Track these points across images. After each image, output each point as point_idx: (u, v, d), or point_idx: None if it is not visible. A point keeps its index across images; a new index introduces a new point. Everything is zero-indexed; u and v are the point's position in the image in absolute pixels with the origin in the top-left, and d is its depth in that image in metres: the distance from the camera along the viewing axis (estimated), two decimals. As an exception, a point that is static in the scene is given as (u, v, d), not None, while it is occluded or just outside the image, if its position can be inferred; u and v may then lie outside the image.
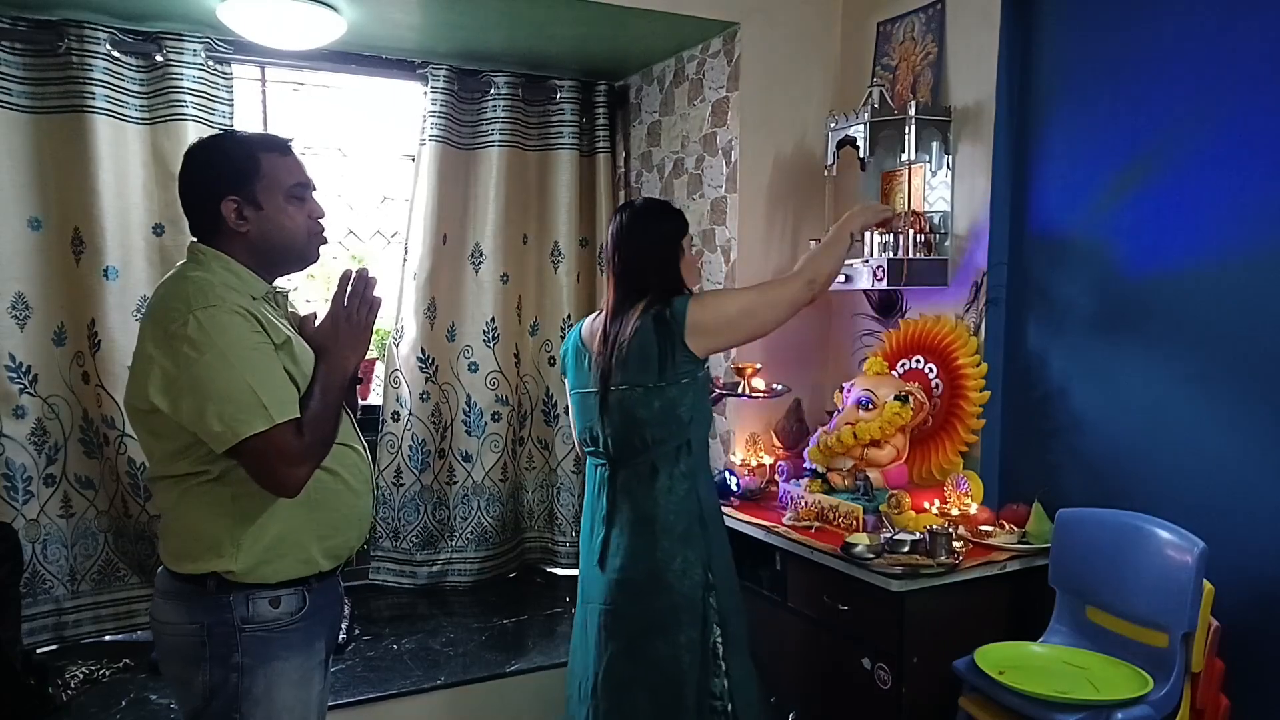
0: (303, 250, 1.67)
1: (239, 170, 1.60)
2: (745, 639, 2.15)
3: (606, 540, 2.12)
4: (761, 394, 2.51)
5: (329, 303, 1.69)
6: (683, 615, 2.04)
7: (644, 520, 2.06)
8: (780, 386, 2.59)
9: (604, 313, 2.15)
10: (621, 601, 2.08)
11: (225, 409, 1.48)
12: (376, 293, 1.69)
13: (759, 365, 2.64)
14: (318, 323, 1.71)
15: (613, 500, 2.11)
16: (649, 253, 2.11)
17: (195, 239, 1.65)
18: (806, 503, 2.55)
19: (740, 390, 2.54)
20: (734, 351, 3.06)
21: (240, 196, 1.59)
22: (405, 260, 3.43)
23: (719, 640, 2.07)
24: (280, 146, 1.65)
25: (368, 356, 3.43)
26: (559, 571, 3.75)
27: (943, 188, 2.67)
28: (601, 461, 2.14)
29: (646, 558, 2.05)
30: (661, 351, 2.02)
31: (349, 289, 1.66)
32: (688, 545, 2.05)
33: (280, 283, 1.72)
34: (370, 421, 3.46)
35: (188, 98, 2.99)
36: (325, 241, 1.71)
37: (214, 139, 1.68)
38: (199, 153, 1.64)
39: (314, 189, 1.69)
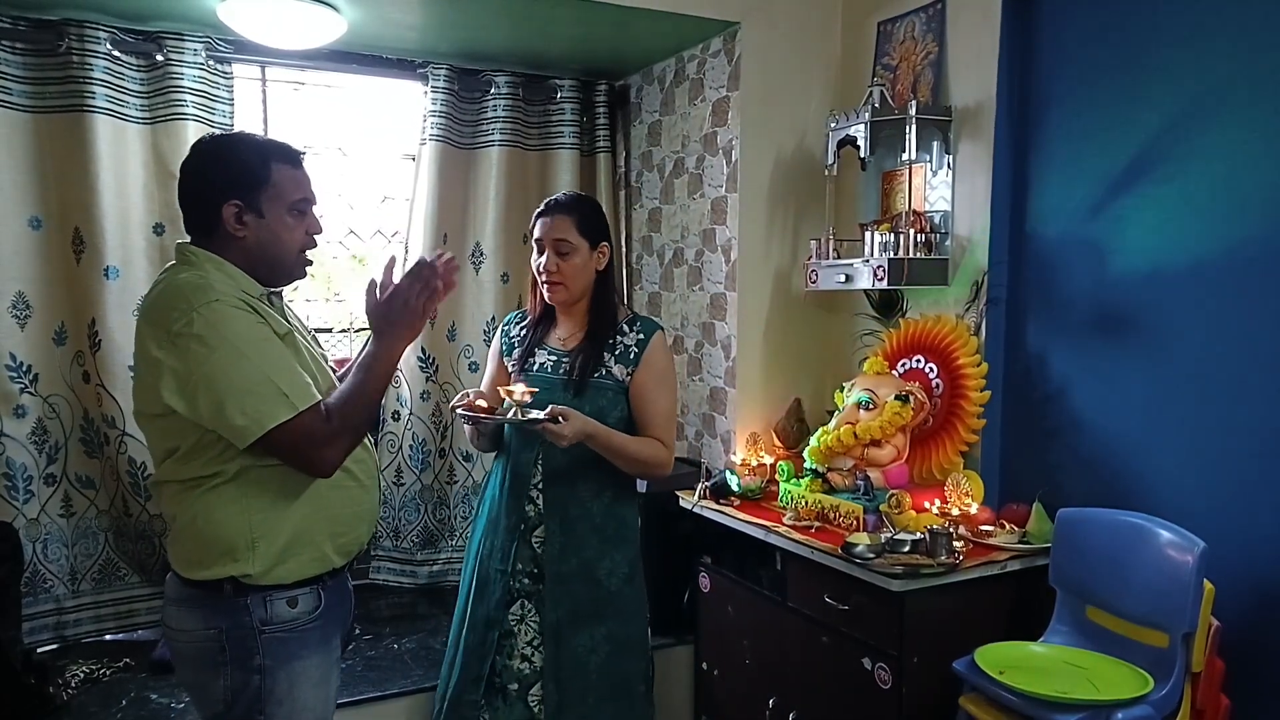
0: (291, 267, 1.67)
1: (250, 176, 1.58)
2: None
3: None
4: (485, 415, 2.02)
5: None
6: None
7: None
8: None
9: None
10: None
11: (247, 402, 1.47)
12: (442, 284, 1.65)
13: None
14: (379, 295, 1.66)
15: None
16: None
17: (188, 239, 1.64)
18: (807, 503, 2.55)
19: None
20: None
21: (244, 202, 1.58)
22: (406, 260, 3.43)
23: None
24: (292, 158, 1.64)
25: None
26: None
27: (943, 187, 2.67)
28: None
29: None
30: None
31: (418, 270, 1.63)
32: None
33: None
34: (371, 421, 3.47)
35: (188, 97, 2.98)
36: (310, 262, 1.70)
37: (227, 138, 1.66)
38: (210, 150, 1.62)
39: (315, 204, 1.68)
